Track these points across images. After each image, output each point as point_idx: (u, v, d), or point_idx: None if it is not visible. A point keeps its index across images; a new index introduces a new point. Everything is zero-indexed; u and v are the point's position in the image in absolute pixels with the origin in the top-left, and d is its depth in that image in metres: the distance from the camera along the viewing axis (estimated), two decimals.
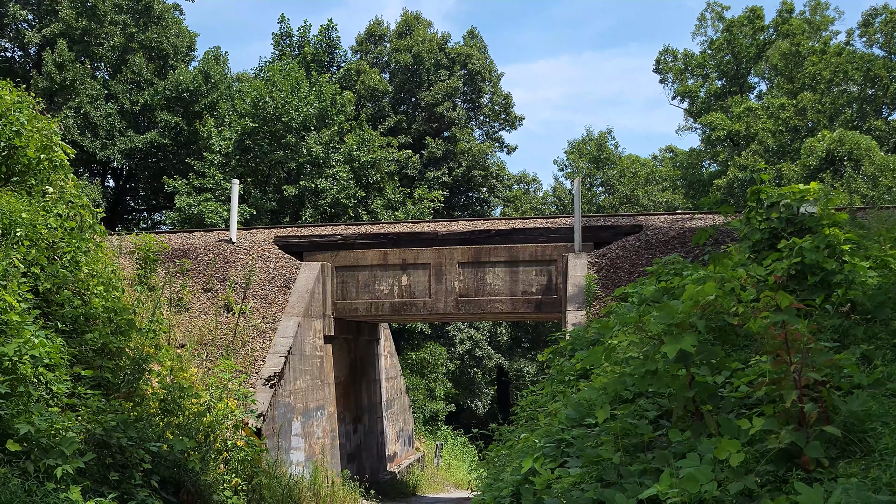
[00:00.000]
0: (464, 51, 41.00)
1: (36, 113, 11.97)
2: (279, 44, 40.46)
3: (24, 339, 8.27)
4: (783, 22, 44.04)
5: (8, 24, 34.57)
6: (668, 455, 5.03)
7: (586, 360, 7.09)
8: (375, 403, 21.59)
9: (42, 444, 7.75)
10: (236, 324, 14.99)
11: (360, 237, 17.57)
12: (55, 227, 10.70)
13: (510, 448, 8.79)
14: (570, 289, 14.90)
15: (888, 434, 4.61)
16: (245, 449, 11.90)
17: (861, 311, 6.87)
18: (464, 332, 34.42)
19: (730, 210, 9.63)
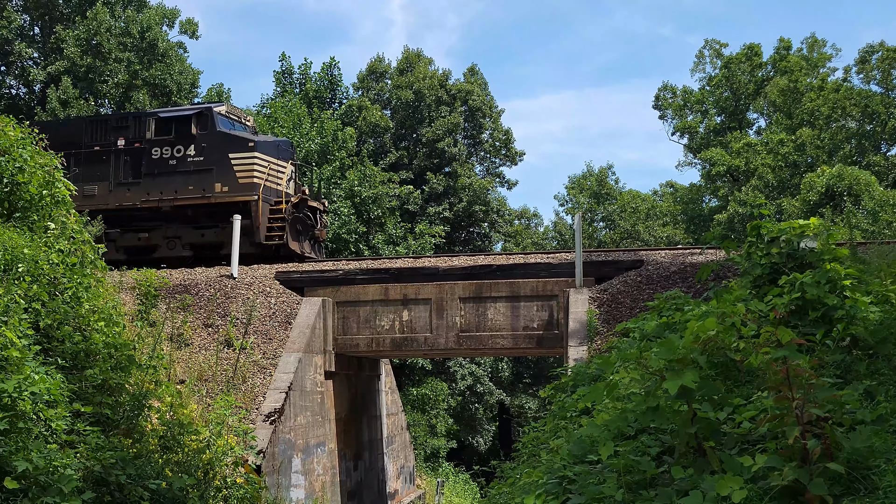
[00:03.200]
0: (464, 87, 41.36)
1: (39, 149, 12.06)
2: (280, 81, 40.86)
3: (25, 376, 8.24)
4: (781, 59, 44.45)
5: (14, 61, 34.95)
6: (670, 492, 4.99)
7: (588, 397, 7.06)
8: (376, 440, 21.45)
9: (41, 481, 7.69)
10: (237, 359, 14.95)
11: (362, 272, 17.58)
12: (57, 262, 10.72)
13: (512, 485, 8.72)
14: (571, 324, 14.87)
15: (892, 471, 4.58)
16: (245, 486, 11.79)
17: (863, 347, 6.85)
18: (465, 367, 34.27)
19: (731, 245, 9.65)
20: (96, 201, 20.37)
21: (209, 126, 20.51)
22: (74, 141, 20.94)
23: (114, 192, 20.81)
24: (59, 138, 20.82)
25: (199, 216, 20.50)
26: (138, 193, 20.71)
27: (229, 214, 19.17)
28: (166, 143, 20.68)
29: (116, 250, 20.24)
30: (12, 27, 33.94)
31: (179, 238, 20.55)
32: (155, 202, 20.48)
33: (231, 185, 20.06)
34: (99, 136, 21.28)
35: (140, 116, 21.54)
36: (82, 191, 20.13)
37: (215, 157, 20.24)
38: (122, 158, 20.97)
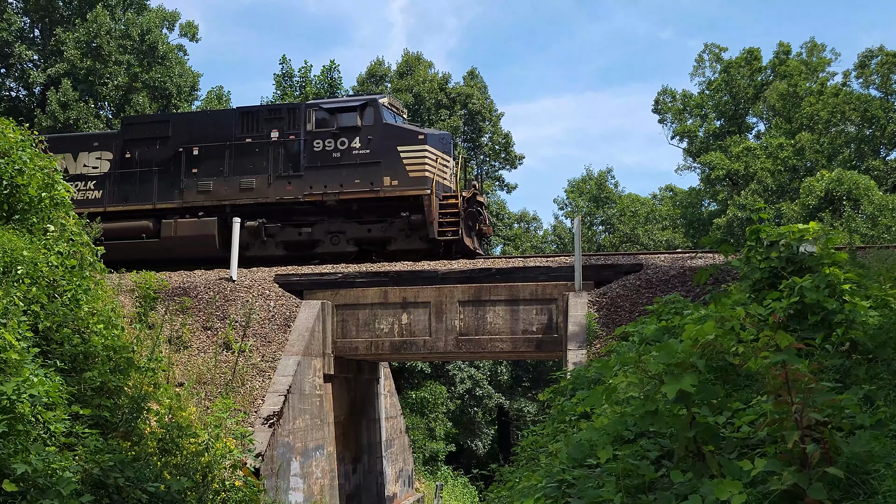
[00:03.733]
0: (464, 91, 41.40)
1: (39, 151, 12.06)
2: (280, 84, 40.87)
3: (23, 378, 8.23)
4: (780, 63, 44.52)
5: (13, 63, 34.96)
6: (669, 496, 4.99)
7: (587, 400, 7.07)
8: (375, 443, 21.43)
9: (39, 484, 7.68)
10: (236, 362, 14.94)
11: (361, 275, 17.58)
12: (56, 265, 10.72)
13: (511, 489, 8.71)
14: (570, 327, 14.87)
15: (891, 476, 4.58)
16: (243, 489, 11.78)
17: (862, 351, 6.86)
18: (464, 371, 34.26)
19: (730, 249, 9.65)
20: (255, 194, 20.15)
21: (375, 118, 20.01)
22: (224, 133, 20.75)
23: (273, 185, 20.25)
24: (208, 130, 20.93)
25: (365, 211, 19.94)
26: (300, 187, 20.09)
27: (398, 209, 19.14)
28: (329, 136, 20.14)
29: (276, 245, 20.09)
30: (12, 29, 33.98)
31: (343, 233, 19.98)
32: (318, 196, 19.87)
33: (401, 178, 19.47)
34: (251, 127, 20.83)
35: (296, 108, 21.02)
36: (238, 184, 20.17)
37: (383, 150, 19.69)
38: (278, 151, 20.53)
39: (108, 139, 21.80)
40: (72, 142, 22.02)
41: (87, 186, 21.20)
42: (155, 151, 21.20)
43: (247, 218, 19.84)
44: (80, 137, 22.58)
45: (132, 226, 20.52)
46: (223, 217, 20.24)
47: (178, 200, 20.67)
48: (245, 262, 19.21)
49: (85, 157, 21.51)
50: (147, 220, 20.65)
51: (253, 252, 20.06)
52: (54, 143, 21.78)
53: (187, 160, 20.84)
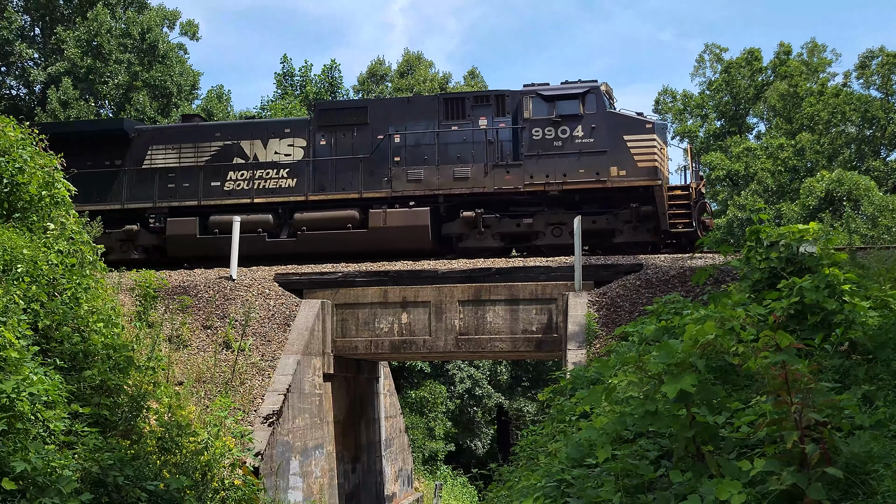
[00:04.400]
0: (465, 90, 41.35)
1: (39, 150, 12.06)
2: (281, 83, 40.88)
3: (23, 376, 8.24)
4: (781, 63, 44.51)
5: (14, 62, 34.97)
6: (669, 496, 4.99)
7: (586, 400, 7.07)
8: (374, 442, 21.44)
9: (39, 482, 7.68)
10: (235, 361, 14.94)
11: (361, 275, 17.58)
12: (56, 263, 10.72)
13: (510, 488, 8.72)
14: (570, 327, 14.87)
15: (890, 476, 4.58)
16: (242, 488, 11.78)
17: (862, 351, 6.87)
18: (464, 370, 34.25)
19: (729, 249, 9.66)
20: (470, 184, 19.50)
21: (598, 105, 19.32)
22: (427, 120, 20.16)
23: (490, 174, 19.48)
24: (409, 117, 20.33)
25: (588, 202, 19.22)
26: (519, 176, 19.29)
27: (624, 200, 18.67)
28: (549, 124, 19.35)
29: (493, 237, 19.45)
30: (13, 28, 33.98)
31: (564, 224, 19.15)
32: (540, 186, 19.11)
33: (629, 168, 18.76)
34: (456, 114, 20.24)
35: (506, 94, 20.28)
36: (452, 173, 19.60)
37: (608, 139, 18.98)
38: (493, 139, 19.78)
39: (300, 125, 21.13)
40: (262, 128, 21.46)
41: (279, 174, 20.56)
42: (353, 138, 20.53)
43: (464, 208, 19.42)
44: (271, 123, 21.95)
45: (336, 216, 19.85)
46: (435, 207, 19.70)
47: (386, 189, 19.83)
48: (462, 254, 19.09)
49: (276, 144, 20.85)
50: (352, 209, 19.91)
51: (468, 244, 19.50)
52: (243, 128, 21.48)
53: (391, 147, 20.13)
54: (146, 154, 21.37)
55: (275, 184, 20.48)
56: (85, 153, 21.08)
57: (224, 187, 20.66)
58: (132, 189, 21.06)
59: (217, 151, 21.04)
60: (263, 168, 20.54)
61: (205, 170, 20.81)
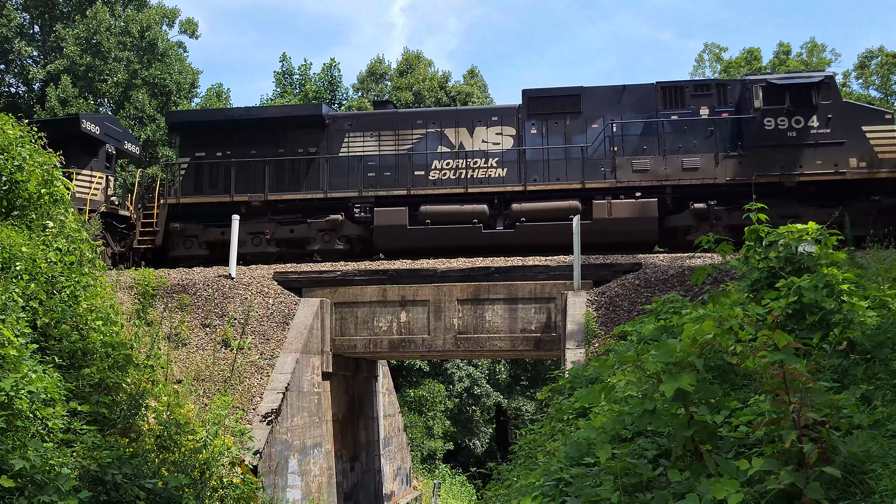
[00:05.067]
0: (464, 89, 41.37)
1: (38, 147, 12.05)
2: (280, 81, 40.85)
3: (22, 374, 8.23)
4: (780, 63, 44.49)
5: (13, 59, 34.93)
6: (667, 495, 5.00)
7: (585, 399, 7.07)
8: (373, 441, 21.44)
9: (37, 480, 7.68)
10: (234, 359, 14.94)
11: (360, 273, 17.58)
12: (55, 261, 10.71)
13: (508, 487, 8.72)
14: (569, 326, 14.88)
15: (888, 476, 4.58)
16: (241, 486, 11.78)
17: (860, 351, 6.87)
18: (462, 369, 34.26)
19: (728, 249, 9.66)
20: (700, 175, 18.95)
21: (832, 95, 18.86)
22: (645, 108, 19.73)
23: (721, 164, 18.98)
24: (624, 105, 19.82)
25: (822, 194, 18.55)
26: (750, 167, 18.68)
27: (864, 193, 18.22)
28: (781, 114, 18.82)
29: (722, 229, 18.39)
30: (12, 25, 33.94)
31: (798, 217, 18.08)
32: (775, 177, 18.52)
33: (868, 160, 18.32)
34: (674, 103, 19.73)
35: (729, 84, 19.96)
36: (680, 163, 19.07)
37: (845, 130, 18.48)
38: (721, 128, 19.33)
39: (508, 113, 20.55)
40: (467, 115, 20.97)
41: (488, 164, 20.13)
42: (565, 127, 20.05)
43: (692, 200, 18.91)
44: (477, 111, 21.46)
45: (557, 206, 19.25)
46: (662, 198, 19.11)
47: (610, 180, 19.28)
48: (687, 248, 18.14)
49: (483, 132, 20.38)
50: (573, 200, 19.31)
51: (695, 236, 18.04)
52: (447, 116, 20.96)
53: (608, 136, 19.71)
54: (343, 141, 20.86)
55: (483, 173, 20.07)
56: (276, 140, 20.90)
57: (429, 176, 20.20)
58: (331, 177, 20.53)
59: (420, 139, 20.57)
60: (472, 157, 20.07)
61: (408, 158, 20.33)
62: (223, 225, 20.03)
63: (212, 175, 21.11)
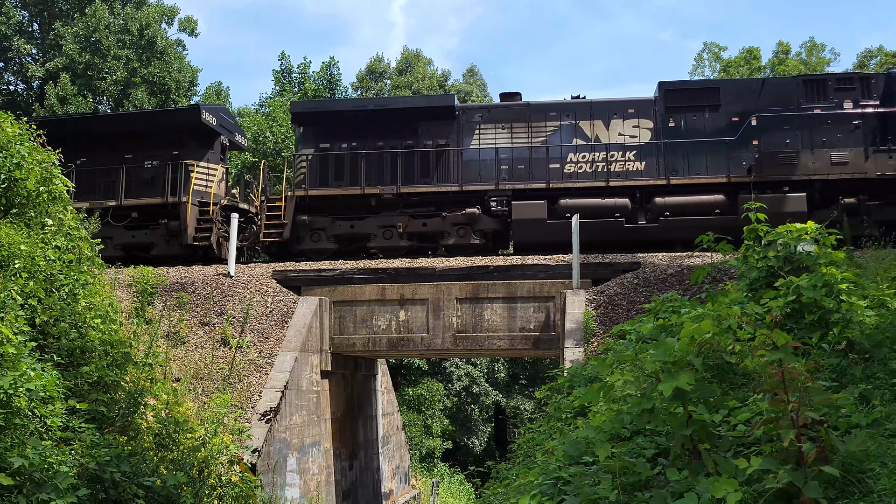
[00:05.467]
0: (463, 88, 41.40)
1: (37, 145, 12.03)
2: (279, 80, 40.83)
3: (20, 372, 8.22)
4: (780, 63, 44.51)
5: (12, 57, 34.89)
6: (665, 494, 5.00)
7: (584, 398, 7.07)
8: (372, 440, 21.44)
9: (35, 478, 7.68)
10: (233, 358, 14.94)
11: (359, 272, 17.57)
12: (53, 259, 10.70)
13: (507, 486, 8.73)
14: (568, 325, 14.87)
15: (886, 475, 4.59)
16: (239, 485, 11.78)
17: (859, 351, 6.87)
18: (461, 368, 34.27)
19: (728, 248, 9.66)
20: (850, 169, 18.73)
21: None
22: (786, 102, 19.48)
23: (871, 159, 18.72)
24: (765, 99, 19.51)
25: None
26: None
27: None
28: None
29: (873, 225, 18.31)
30: (11, 23, 33.91)
31: None
32: None
33: None
34: (816, 96, 19.52)
35: (874, 77, 19.88)
36: (828, 157, 18.85)
37: None
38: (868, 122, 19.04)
39: (645, 106, 20.25)
40: (603, 107, 20.50)
41: (625, 157, 19.78)
42: (704, 120, 19.79)
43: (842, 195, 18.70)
44: (613, 103, 20.86)
45: (702, 200, 18.99)
46: (810, 193, 18.82)
47: (756, 173, 19.04)
48: None
49: (619, 125, 20.06)
50: (718, 194, 19.05)
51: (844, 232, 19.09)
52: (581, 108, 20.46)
53: (750, 130, 19.35)
54: (474, 133, 20.54)
55: (621, 167, 19.76)
56: (404, 131, 20.58)
57: (564, 169, 19.87)
58: (463, 170, 20.18)
59: (553, 132, 20.26)
60: (609, 150, 19.79)
61: (543, 151, 20.01)
62: (352, 218, 19.87)
63: (337, 167, 20.63)
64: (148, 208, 21.08)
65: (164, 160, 21.24)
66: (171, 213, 20.93)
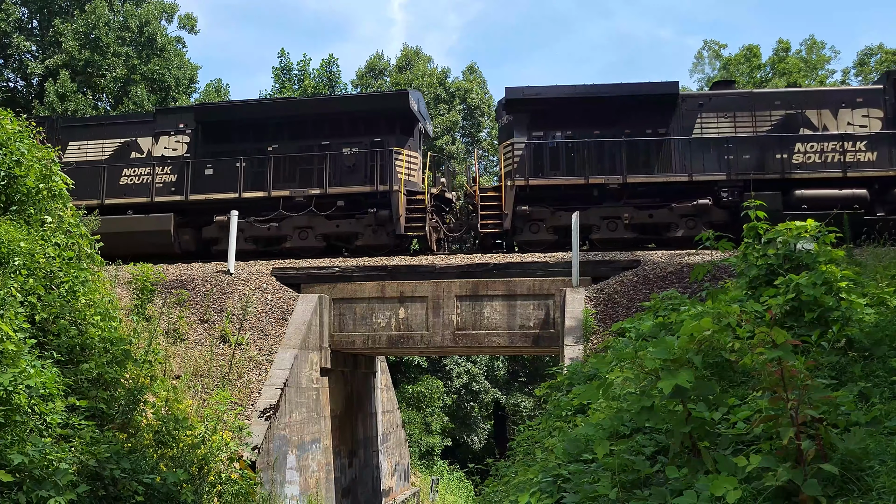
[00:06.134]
0: (463, 85, 41.36)
1: (36, 142, 12.02)
2: (279, 77, 40.80)
3: (20, 369, 8.23)
4: (780, 60, 44.49)
5: (12, 54, 34.86)
6: (665, 492, 5.00)
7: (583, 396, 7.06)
8: (371, 437, 21.45)
9: (35, 475, 7.69)
10: (232, 355, 14.94)
11: (358, 269, 17.57)
12: (53, 256, 10.70)
13: (506, 483, 8.73)
14: (567, 323, 14.88)
15: (886, 473, 4.59)
16: (239, 482, 11.79)
17: (858, 349, 6.88)
18: (461, 365, 34.29)
19: (727, 246, 9.67)
20: None
21: None
22: None
23: None
24: None
25: None
26: None
27: None
28: None
29: None
30: (10, 20, 33.88)
31: None
32: None
33: None
34: None
35: None
36: None
37: None
38: None
39: (873, 95, 19.75)
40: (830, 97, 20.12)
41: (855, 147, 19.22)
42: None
43: None
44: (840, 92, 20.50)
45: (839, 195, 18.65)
46: None
47: None
48: None
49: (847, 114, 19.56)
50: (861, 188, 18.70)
51: None
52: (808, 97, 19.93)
53: None
54: (696, 121, 20.00)
55: (852, 157, 19.19)
56: (618, 119, 20.02)
57: (792, 160, 19.27)
58: (686, 159, 19.63)
59: (779, 121, 19.77)
60: (836, 140, 19.28)
61: (770, 140, 19.58)
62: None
63: (553, 156, 20.06)
64: (354, 197, 20.32)
65: (364, 147, 20.46)
66: (381, 202, 20.14)
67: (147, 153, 21.51)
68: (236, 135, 21.19)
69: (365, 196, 20.27)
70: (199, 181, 20.78)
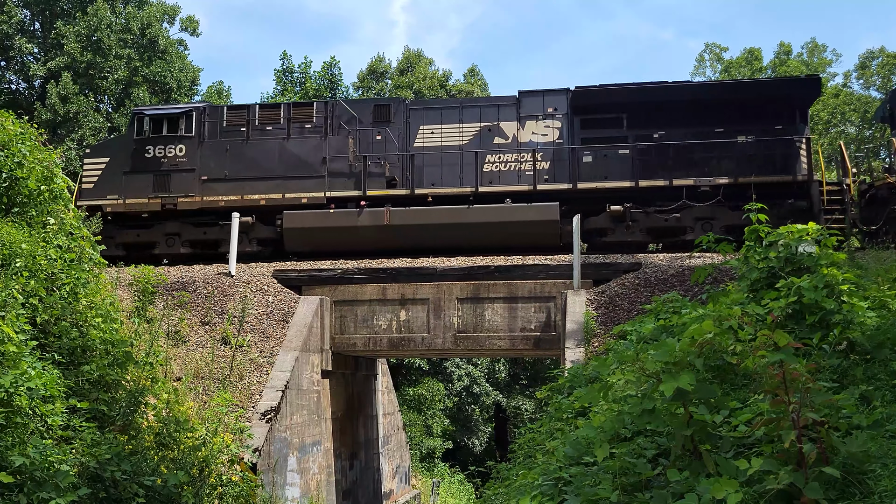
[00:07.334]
0: (464, 87, 41.36)
1: (38, 144, 12.04)
2: (281, 79, 40.82)
3: (21, 371, 8.23)
4: (781, 63, 44.52)
5: (14, 56, 34.90)
6: (666, 495, 5.00)
7: (584, 398, 7.07)
8: (372, 439, 21.44)
9: (36, 476, 7.68)
10: (233, 357, 14.94)
11: (359, 271, 17.57)
12: (55, 258, 10.71)
13: (508, 486, 8.73)
14: (568, 325, 14.88)
15: (887, 476, 4.59)
16: (240, 484, 11.79)
17: (859, 351, 6.87)
18: (462, 368, 34.26)
19: (728, 249, 9.67)
20: None
21: None
22: None
23: None
24: None
25: None
26: None
27: None
28: None
29: None
30: (13, 22, 33.92)
31: None
32: None
33: None
34: None
35: None
36: None
37: None
38: None
39: None
40: None
41: None
42: None
43: None
44: None
45: None
46: None
47: None
48: None
49: None
50: None
51: None
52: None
53: None
54: None
55: None
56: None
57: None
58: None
59: None
60: None
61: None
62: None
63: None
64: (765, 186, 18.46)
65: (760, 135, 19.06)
66: (798, 193, 18.74)
67: (513, 138, 20.20)
68: (615, 120, 19.88)
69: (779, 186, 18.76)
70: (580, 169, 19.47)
